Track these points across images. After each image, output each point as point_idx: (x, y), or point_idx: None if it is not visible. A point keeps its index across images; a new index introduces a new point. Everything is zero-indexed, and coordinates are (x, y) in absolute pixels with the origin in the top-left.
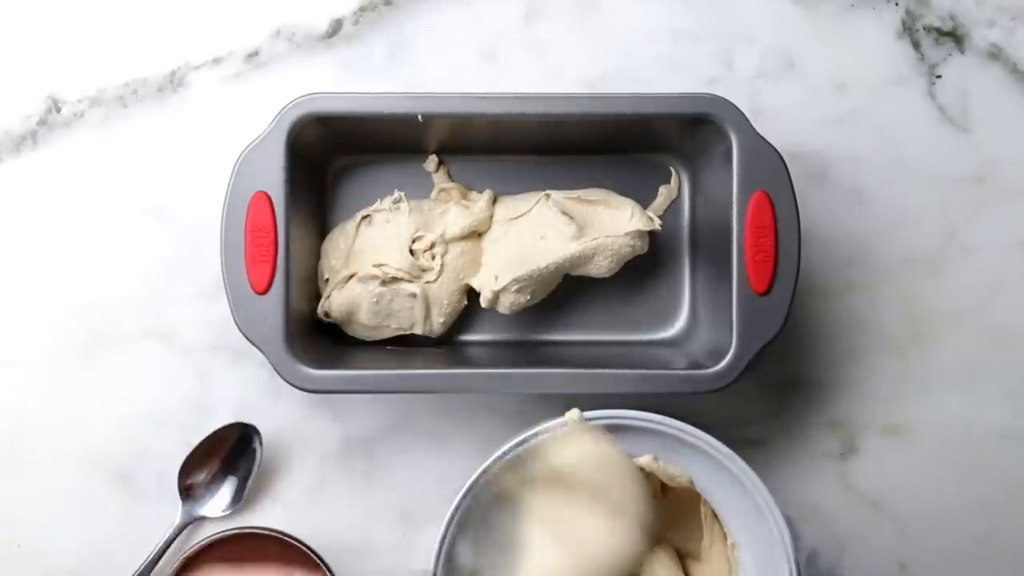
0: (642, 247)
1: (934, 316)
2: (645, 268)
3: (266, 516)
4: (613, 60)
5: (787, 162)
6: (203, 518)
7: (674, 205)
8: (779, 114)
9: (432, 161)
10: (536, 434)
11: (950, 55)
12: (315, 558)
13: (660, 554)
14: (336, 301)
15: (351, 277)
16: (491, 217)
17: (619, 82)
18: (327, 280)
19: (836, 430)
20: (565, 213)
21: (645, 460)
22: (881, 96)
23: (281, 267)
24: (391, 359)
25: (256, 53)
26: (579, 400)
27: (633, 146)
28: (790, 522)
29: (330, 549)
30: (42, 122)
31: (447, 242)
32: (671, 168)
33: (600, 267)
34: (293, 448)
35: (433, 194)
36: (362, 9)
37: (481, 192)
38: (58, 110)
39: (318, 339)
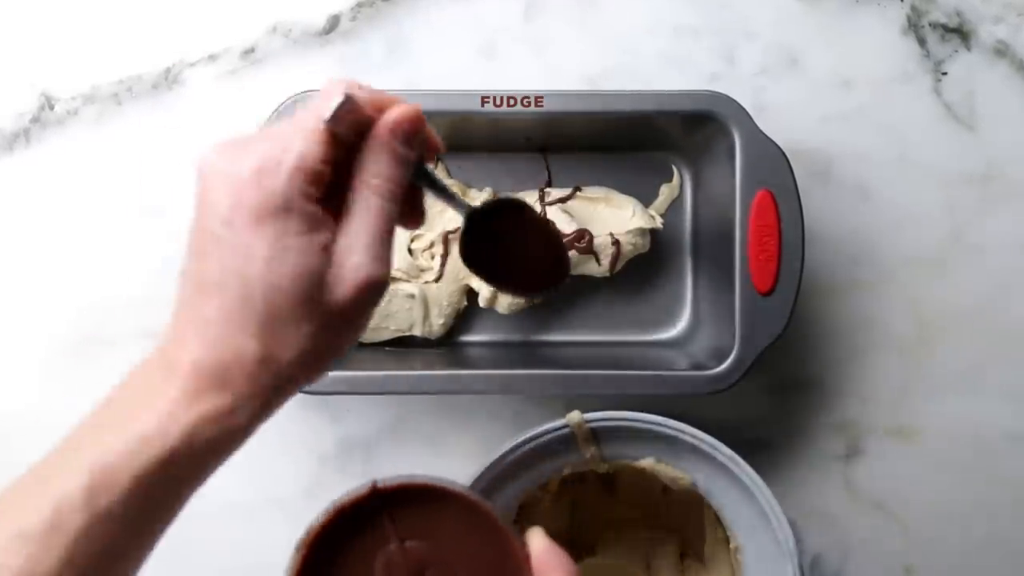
0: (643, 245)
1: (940, 316)
2: (646, 268)
3: (263, 518)
4: (613, 56)
5: (790, 160)
6: None
7: (676, 203)
8: (782, 111)
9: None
10: (537, 436)
11: (956, 52)
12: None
13: (667, 547)
14: None
15: None
16: None
17: (620, 78)
18: None
19: (841, 432)
20: (565, 211)
21: (647, 463)
22: (886, 93)
23: None
24: (389, 360)
25: (252, 50)
26: (580, 402)
27: (634, 143)
28: (794, 525)
29: None
30: (35, 120)
31: (448, 238)
32: (673, 166)
33: (601, 266)
34: (290, 450)
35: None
36: (360, 5)
37: (481, 190)
38: (51, 107)
39: None
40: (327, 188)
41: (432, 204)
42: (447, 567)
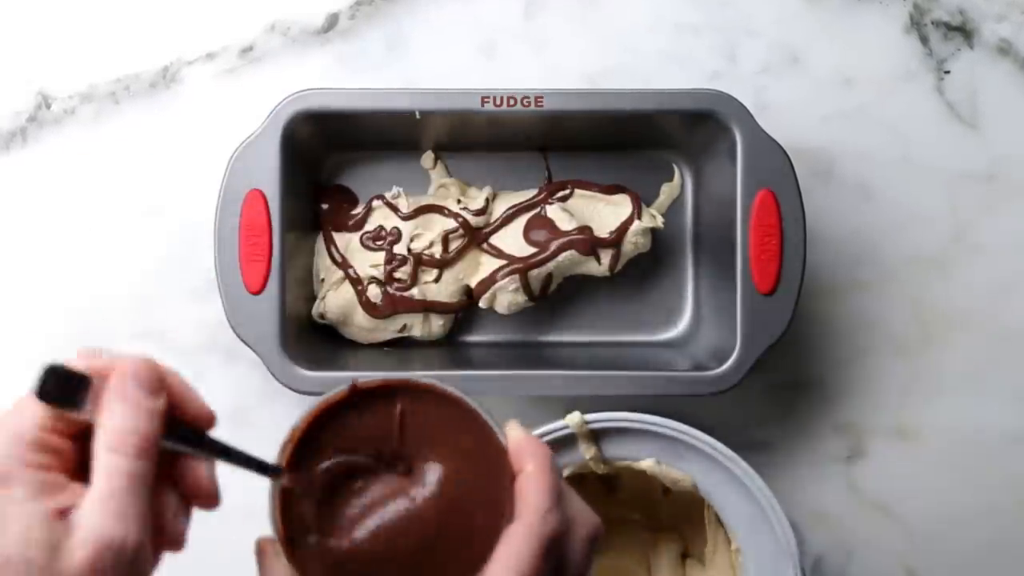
0: (644, 245)
1: (943, 316)
2: (647, 267)
3: (259, 518)
4: (614, 55)
5: (792, 159)
6: None
7: (677, 203)
8: (784, 110)
9: (429, 157)
10: (537, 436)
11: (959, 50)
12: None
13: (667, 547)
14: (331, 303)
15: (347, 278)
16: (490, 214)
17: (620, 77)
18: (323, 280)
19: (843, 433)
20: (565, 210)
21: (648, 464)
22: (888, 92)
23: (276, 266)
24: (389, 360)
25: (250, 48)
26: (580, 402)
27: (635, 142)
28: (795, 527)
29: None
30: (32, 119)
31: (448, 237)
32: (674, 165)
33: (601, 266)
34: None
35: (431, 190)
36: (359, 3)
37: (480, 188)
38: (48, 107)
39: (314, 339)
40: (71, 457)
41: (428, 210)
42: (427, 457)
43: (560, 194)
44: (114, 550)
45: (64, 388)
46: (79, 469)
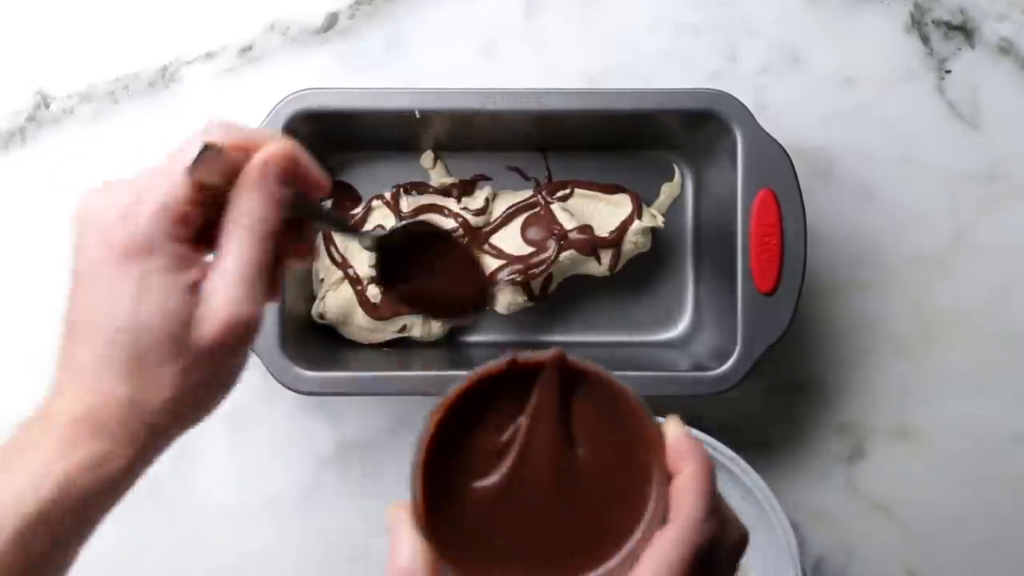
0: (644, 244)
1: (944, 316)
2: (648, 267)
3: (264, 519)
4: (614, 54)
5: (792, 159)
6: None
7: (677, 203)
8: (784, 110)
9: (428, 157)
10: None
11: (960, 49)
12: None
13: None
14: (331, 303)
15: (346, 278)
16: (490, 214)
17: (620, 77)
18: (322, 280)
19: (843, 433)
20: (565, 209)
21: None
22: (889, 91)
23: None
24: (389, 360)
25: (250, 47)
26: None
27: (635, 142)
28: (796, 527)
29: (324, 554)
30: (31, 118)
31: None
32: (674, 165)
33: (601, 265)
34: (287, 451)
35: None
36: (358, 3)
37: (480, 188)
38: (47, 106)
39: (314, 340)
40: (201, 230)
41: (429, 211)
42: (576, 441)
43: (560, 194)
44: (242, 327)
45: (210, 163)
46: (200, 236)
